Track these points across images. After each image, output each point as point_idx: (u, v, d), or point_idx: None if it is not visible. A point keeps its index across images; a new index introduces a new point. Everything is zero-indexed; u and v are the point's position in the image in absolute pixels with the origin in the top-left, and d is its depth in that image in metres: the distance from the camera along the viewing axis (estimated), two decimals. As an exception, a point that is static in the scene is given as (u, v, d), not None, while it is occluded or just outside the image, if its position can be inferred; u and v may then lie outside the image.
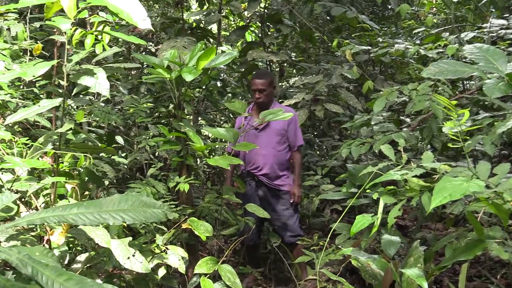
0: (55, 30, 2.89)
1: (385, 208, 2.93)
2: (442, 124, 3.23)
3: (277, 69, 7.26)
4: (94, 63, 3.02)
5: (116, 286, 2.07)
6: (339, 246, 3.42)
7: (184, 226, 3.25)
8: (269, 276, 4.84)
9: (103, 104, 4.59)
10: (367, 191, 3.00)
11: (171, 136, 3.79)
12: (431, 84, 3.50)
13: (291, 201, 4.34)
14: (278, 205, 4.45)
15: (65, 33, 2.61)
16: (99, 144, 3.40)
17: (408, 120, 5.00)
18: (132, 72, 5.99)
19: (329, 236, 3.01)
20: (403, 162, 2.58)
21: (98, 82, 2.64)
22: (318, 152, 6.80)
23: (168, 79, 3.56)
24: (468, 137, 3.00)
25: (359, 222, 2.47)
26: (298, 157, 4.47)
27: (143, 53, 6.26)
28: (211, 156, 6.35)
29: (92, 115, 4.09)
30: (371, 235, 2.75)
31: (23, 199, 2.74)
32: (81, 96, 4.53)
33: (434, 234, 4.24)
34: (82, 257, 2.80)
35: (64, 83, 2.71)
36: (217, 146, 7.38)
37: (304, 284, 3.88)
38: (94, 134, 4.41)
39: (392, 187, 2.61)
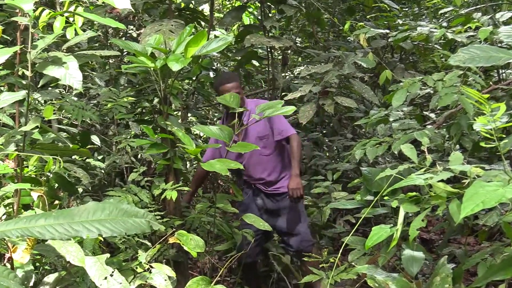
0: (17, 11, 2.87)
1: (406, 219, 2.91)
2: (473, 120, 3.21)
3: (280, 57, 7.26)
4: (64, 50, 3.01)
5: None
6: (353, 263, 3.40)
7: (171, 240, 3.23)
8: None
9: (75, 99, 4.58)
10: (385, 198, 2.98)
11: (157, 138, 3.78)
12: (460, 73, 3.48)
13: (289, 197, 4.27)
14: (280, 211, 4.46)
15: (28, 14, 2.58)
16: (71, 145, 3.38)
17: (433, 116, 5.00)
18: (110, 61, 5.98)
19: (340, 251, 2.99)
20: (427, 165, 2.56)
21: (69, 73, 2.62)
22: (327, 154, 6.79)
23: (152, 68, 3.54)
24: (504, 135, 2.98)
25: (376, 234, 2.44)
26: (294, 144, 4.37)
27: (123, 38, 6.25)
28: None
29: (63, 111, 4.07)
30: (390, 250, 2.73)
31: (-20, 210, 2.72)
32: (49, 88, 4.52)
33: (465, 250, 4.22)
34: (50, 278, 2.78)
35: (28, 73, 2.69)
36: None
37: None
38: (65, 134, 4.39)
39: (414, 193, 2.59)
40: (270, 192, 4.47)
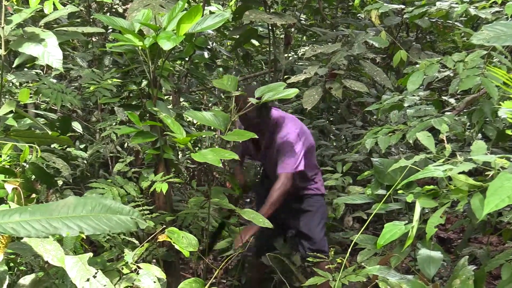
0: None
1: (422, 216, 2.90)
2: (497, 106, 3.19)
3: (282, 36, 7.22)
4: (42, 26, 2.98)
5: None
6: (362, 264, 3.40)
7: (161, 238, 3.22)
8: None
9: (54, 81, 4.56)
10: (399, 192, 2.97)
11: (145, 126, 3.76)
12: (484, 54, 3.46)
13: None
14: (300, 211, 4.47)
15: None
16: (50, 132, 3.37)
17: (452, 101, 4.98)
18: (93, 39, 5.95)
19: (348, 251, 2.98)
20: (447, 155, 2.55)
21: (47, 51, 2.61)
22: (334, 144, 6.79)
23: (140, 47, 3.53)
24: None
25: (389, 232, 2.43)
26: (276, 185, 4.21)
27: (107, 14, 6.22)
28: (197, 148, 6.34)
29: (40, 94, 4.05)
30: (404, 249, 2.72)
31: None
32: (25, 69, 4.50)
33: (487, 250, 4.22)
34: (26, 279, 2.77)
35: (2, 51, 2.68)
36: (204, 136, 7.37)
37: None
38: (43, 120, 4.37)
39: (432, 187, 2.57)
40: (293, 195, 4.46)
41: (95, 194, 3.60)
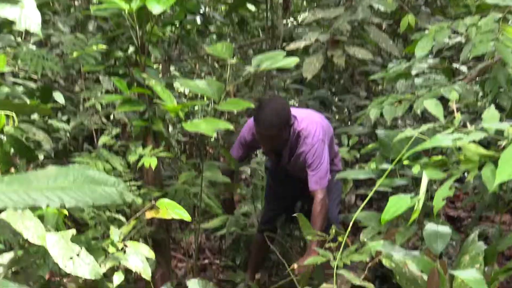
0: None
1: (430, 192, 2.90)
2: (512, 73, 3.19)
3: (280, 0, 7.19)
4: (19, -14, 2.96)
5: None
6: (365, 241, 3.41)
7: (149, 215, 3.21)
8: (268, 284, 4.86)
9: (34, 47, 4.52)
10: (404, 163, 2.96)
11: (132, 93, 3.74)
12: (499, 17, 3.44)
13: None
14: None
15: None
16: (29, 102, 3.36)
17: (464, 69, 4.96)
18: (76, 2, 5.91)
19: (349, 228, 2.98)
20: (456, 124, 2.54)
21: (24, 14, 2.58)
22: (337, 116, 6.78)
23: (126, 11, 3.49)
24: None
25: (394, 206, 2.42)
26: (317, 208, 4.25)
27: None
28: (189, 121, 6.32)
29: (19, 61, 4.02)
30: (410, 223, 2.71)
31: None
32: (1, 34, 4.45)
33: (499, 229, 4.23)
34: (5, 258, 2.78)
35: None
36: (196, 107, 7.35)
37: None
38: (21, 88, 4.35)
39: (440, 157, 2.56)
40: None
41: (78, 164, 3.59)
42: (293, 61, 3.49)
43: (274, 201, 4.69)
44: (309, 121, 4.31)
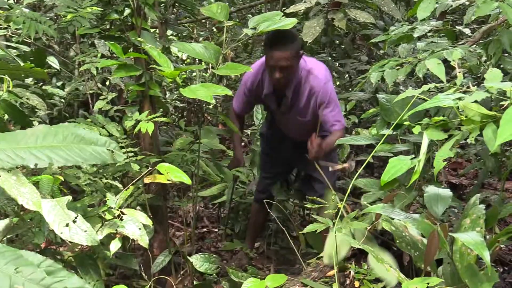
0: None
1: (432, 159, 2.89)
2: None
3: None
4: None
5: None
6: (366, 204, 3.41)
7: (147, 180, 3.21)
8: (267, 253, 4.89)
9: (27, 10, 4.49)
10: (405, 123, 2.95)
11: (128, 58, 3.72)
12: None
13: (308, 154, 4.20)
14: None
15: None
16: (23, 64, 3.34)
17: (467, 31, 4.93)
18: (70, -37, 5.86)
19: (347, 193, 2.98)
20: (458, 84, 2.52)
21: (18, -28, 2.56)
22: (338, 82, 6.76)
23: (121, -29, 3.47)
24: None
25: (394, 167, 2.42)
26: (334, 138, 4.16)
27: None
28: (186, 85, 6.31)
29: (11, 23, 4.00)
30: (410, 185, 2.71)
31: None
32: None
33: (501, 195, 4.25)
34: (0, 225, 2.79)
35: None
36: (194, 73, 7.33)
37: (316, 263, 3.91)
38: (15, 52, 4.33)
39: (441, 117, 2.54)
40: (301, 140, 4.44)
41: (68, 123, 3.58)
42: (291, 22, 3.45)
43: (269, 169, 4.68)
44: (316, 64, 4.30)
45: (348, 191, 3.02)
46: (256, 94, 4.35)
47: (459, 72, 2.58)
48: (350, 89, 6.58)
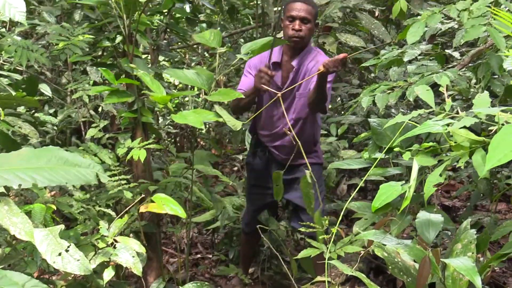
0: None
1: (424, 182, 2.91)
2: (504, 57, 3.20)
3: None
4: (3, -24, 2.95)
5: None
6: (359, 232, 3.41)
7: (143, 209, 3.21)
8: (261, 278, 4.88)
9: (19, 38, 4.51)
10: (395, 150, 2.98)
11: (120, 84, 3.73)
12: (491, 1, 3.45)
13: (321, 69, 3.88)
14: (296, 182, 4.42)
15: None
16: (14, 93, 3.35)
17: (457, 55, 4.97)
18: (62, -8, 5.89)
19: (340, 218, 2.99)
20: (447, 110, 2.55)
21: (9, 2, 2.57)
22: (330, 105, 6.78)
23: (113, -1, 3.49)
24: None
25: (384, 193, 2.44)
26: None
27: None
28: (179, 110, 6.32)
29: (3, 52, 4.02)
30: (401, 211, 2.72)
31: None
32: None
33: (494, 217, 4.26)
34: (-8, 254, 2.79)
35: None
36: (187, 98, 7.35)
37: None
38: (6, 80, 4.34)
39: (431, 143, 2.57)
40: (286, 163, 4.43)
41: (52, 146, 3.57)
42: (284, 40, 3.45)
43: (256, 201, 4.60)
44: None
45: (341, 215, 3.03)
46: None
47: (448, 98, 2.59)
48: (342, 112, 6.60)
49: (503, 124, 2.29)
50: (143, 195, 3.44)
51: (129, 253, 3.00)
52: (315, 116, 4.39)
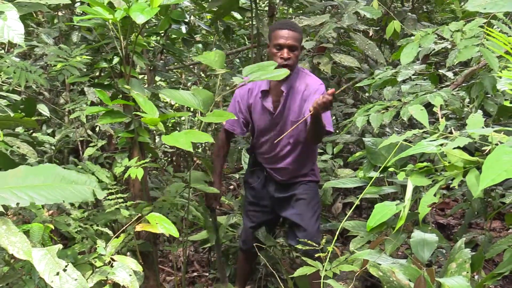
0: None
1: (419, 200, 2.92)
2: (498, 78, 3.21)
3: (266, 8, 7.20)
4: (2, -2, 2.97)
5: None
6: (355, 251, 3.41)
7: (139, 228, 3.21)
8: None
9: (17, 59, 4.53)
10: (389, 170, 2.99)
11: (116, 104, 3.74)
12: (483, 22, 3.48)
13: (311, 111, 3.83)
14: (292, 199, 4.43)
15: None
16: (13, 114, 3.36)
17: (450, 75, 5.00)
18: (59, 13, 5.91)
19: (335, 237, 2.99)
20: (441, 130, 2.56)
21: (8, 25, 2.59)
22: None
23: (110, 21, 3.50)
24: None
25: (379, 213, 2.45)
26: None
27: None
28: (175, 130, 6.33)
29: (1, 73, 4.03)
30: (396, 230, 2.73)
31: None
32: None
33: (488, 235, 4.26)
34: (-10, 274, 2.78)
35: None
36: (183, 118, 7.36)
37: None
38: (5, 101, 4.35)
39: (425, 164, 2.58)
40: (283, 182, 4.44)
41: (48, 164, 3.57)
42: (283, 73, 3.41)
43: (253, 218, 4.60)
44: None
45: (337, 234, 3.03)
46: (248, 102, 4.35)
47: (442, 117, 2.61)
48: (337, 131, 6.62)
49: (496, 144, 2.31)
50: (139, 214, 3.44)
51: (126, 272, 3.00)
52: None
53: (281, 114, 4.23)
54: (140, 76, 5.69)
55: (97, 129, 5.45)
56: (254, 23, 6.28)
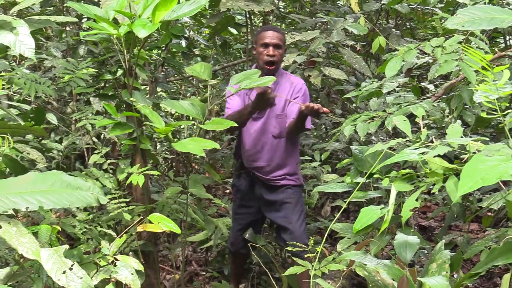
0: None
1: (402, 199, 2.93)
2: (475, 91, 3.23)
3: (260, 24, 7.22)
4: (13, 15, 2.97)
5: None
6: (342, 253, 3.42)
7: (140, 228, 3.21)
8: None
9: (28, 71, 4.53)
10: (374, 176, 3.00)
11: (122, 117, 3.74)
12: (462, 38, 3.50)
13: (302, 108, 3.97)
14: (278, 203, 4.43)
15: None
16: (23, 123, 3.35)
17: (431, 87, 5.01)
18: (67, 28, 5.91)
19: (324, 238, 3.00)
20: (423, 139, 2.57)
21: (19, 40, 2.59)
22: (314, 133, 6.82)
23: (115, 36, 3.51)
24: (509, 105, 2.99)
25: (365, 216, 2.46)
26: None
27: (81, 1, 6.18)
28: (176, 139, 6.33)
29: (13, 84, 4.03)
30: (381, 232, 2.74)
31: None
32: (-4, 59, 4.46)
33: (467, 237, 4.27)
34: (1, 273, 2.76)
35: (-28, 40, 2.66)
36: (182, 126, 7.36)
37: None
38: (16, 110, 4.35)
39: (407, 170, 2.60)
40: (269, 183, 4.44)
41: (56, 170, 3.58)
42: (270, 80, 3.44)
43: (241, 220, 4.61)
44: None
45: (326, 235, 3.04)
46: (243, 98, 4.43)
47: (423, 127, 2.62)
48: (326, 139, 6.63)
49: (474, 153, 2.32)
50: (141, 217, 3.44)
51: (129, 271, 2.99)
52: (295, 139, 4.50)
53: (267, 112, 4.34)
54: (142, 87, 5.69)
55: (101, 136, 5.45)
56: (249, 37, 6.29)
